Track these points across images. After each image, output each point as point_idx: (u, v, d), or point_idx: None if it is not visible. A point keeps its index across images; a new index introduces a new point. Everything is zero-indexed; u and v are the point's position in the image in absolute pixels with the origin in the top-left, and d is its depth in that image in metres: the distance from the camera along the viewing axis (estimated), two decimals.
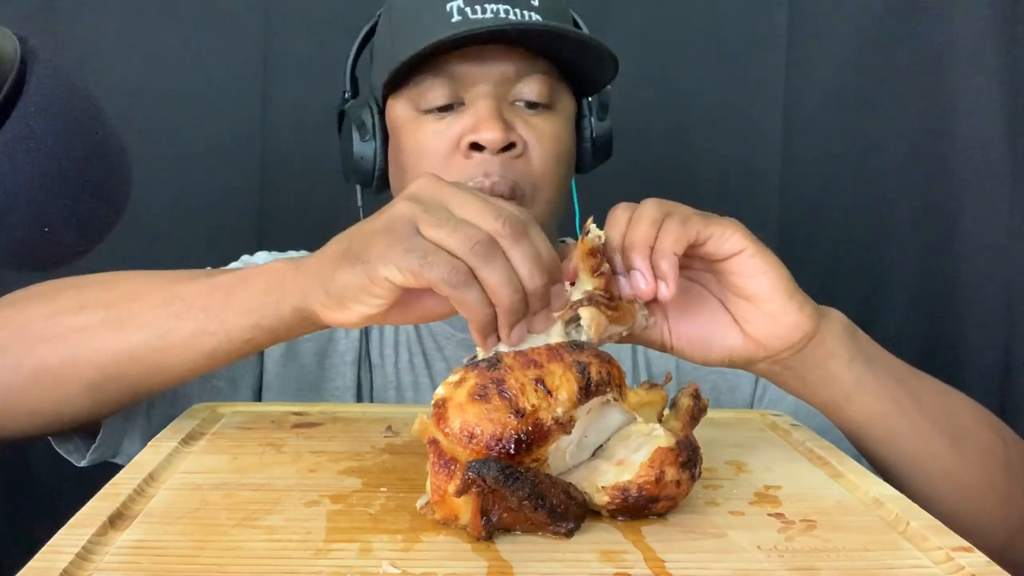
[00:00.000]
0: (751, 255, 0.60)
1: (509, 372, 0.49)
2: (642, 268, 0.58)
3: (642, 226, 0.59)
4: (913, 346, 1.17)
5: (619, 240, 0.59)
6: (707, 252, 0.60)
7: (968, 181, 1.18)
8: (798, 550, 0.48)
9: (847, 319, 0.66)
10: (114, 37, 1.20)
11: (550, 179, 0.81)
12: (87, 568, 0.43)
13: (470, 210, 0.54)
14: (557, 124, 0.82)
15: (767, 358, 0.64)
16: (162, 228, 1.18)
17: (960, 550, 0.48)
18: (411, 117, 0.81)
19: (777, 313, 0.62)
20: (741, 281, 0.61)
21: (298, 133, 1.24)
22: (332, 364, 0.90)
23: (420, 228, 0.53)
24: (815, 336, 0.63)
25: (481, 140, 0.77)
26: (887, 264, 1.23)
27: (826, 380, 0.66)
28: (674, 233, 0.58)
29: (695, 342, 0.64)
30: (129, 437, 0.74)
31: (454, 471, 0.47)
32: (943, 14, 1.19)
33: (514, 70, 0.79)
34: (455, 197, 0.55)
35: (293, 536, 0.47)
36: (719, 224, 0.60)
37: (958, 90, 1.19)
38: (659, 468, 0.50)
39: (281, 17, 1.23)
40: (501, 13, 0.78)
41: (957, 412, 0.71)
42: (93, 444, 0.72)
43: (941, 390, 0.71)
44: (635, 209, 0.60)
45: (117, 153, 0.53)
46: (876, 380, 0.66)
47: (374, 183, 0.86)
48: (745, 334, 0.63)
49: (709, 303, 0.64)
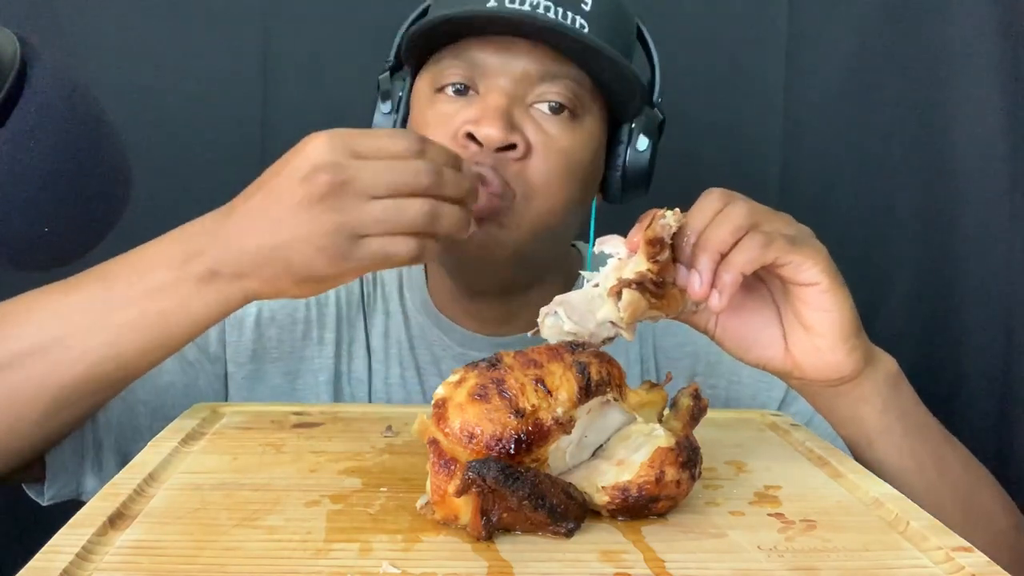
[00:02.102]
0: (823, 290, 0.60)
1: (509, 372, 0.49)
2: (703, 273, 0.57)
3: (723, 230, 0.58)
4: (913, 346, 1.17)
5: (697, 231, 0.58)
6: (781, 275, 0.60)
7: (968, 181, 1.18)
8: (798, 550, 0.48)
9: (897, 369, 0.66)
10: (114, 37, 1.19)
11: (550, 190, 0.76)
12: (87, 568, 0.43)
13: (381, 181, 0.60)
14: (575, 136, 0.77)
15: (800, 380, 0.64)
16: (162, 228, 1.18)
17: (960, 550, 0.48)
18: (427, 94, 0.79)
19: (825, 349, 0.62)
20: (805, 310, 0.61)
21: (298, 133, 1.24)
22: (305, 384, 0.86)
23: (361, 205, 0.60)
24: (853, 379, 0.63)
25: (478, 134, 0.73)
26: (887, 264, 1.23)
27: (853, 420, 0.67)
28: (751, 252, 0.57)
29: (737, 339, 0.64)
30: (82, 477, 0.72)
31: (454, 471, 0.47)
32: (943, 14, 1.19)
33: (537, 70, 0.75)
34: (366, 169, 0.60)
35: (293, 536, 0.47)
36: (800, 253, 0.59)
37: (958, 90, 1.19)
38: (659, 468, 0.50)
39: (281, 17, 1.23)
40: (540, 8, 0.74)
41: (978, 489, 0.71)
42: (45, 483, 0.70)
43: (968, 465, 0.71)
44: (727, 204, 0.59)
45: (117, 153, 0.53)
46: (904, 435, 0.66)
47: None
48: (787, 351, 0.63)
49: (764, 309, 0.64)
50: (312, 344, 0.87)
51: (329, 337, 0.87)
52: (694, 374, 0.89)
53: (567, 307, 0.56)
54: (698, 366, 0.89)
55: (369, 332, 0.88)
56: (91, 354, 0.64)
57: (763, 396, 0.88)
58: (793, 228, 0.60)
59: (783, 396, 0.87)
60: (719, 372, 0.89)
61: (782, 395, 0.87)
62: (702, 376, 0.89)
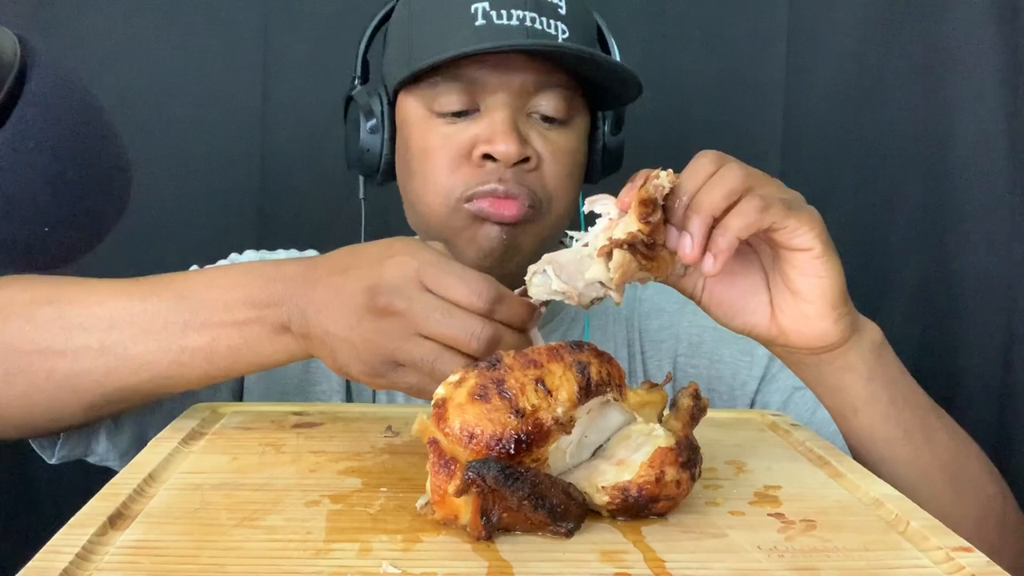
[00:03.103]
0: (816, 256, 0.59)
1: (509, 372, 0.49)
2: (695, 235, 0.56)
3: (717, 192, 0.57)
4: (913, 346, 1.17)
5: (690, 193, 0.57)
6: (775, 239, 0.59)
7: (968, 181, 1.18)
8: (798, 550, 0.48)
9: (881, 337, 0.66)
10: (114, 37, 1.20)
11: (562, 192, 0.80)
12: (87, 568, 0.43)
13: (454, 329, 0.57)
14: (572, 139, 0.80)
15: (785, 347, 0.64)
16: (162, 228, 1.18)
17: (960, 550, 0.48)
18: (422, 116, 0.79)
19: (812, 316, 0.61)
20: (795, 275, 0.61)
21: (298, 133, 1.24)
22: (318, 366, 0.87)
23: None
24: (839, 347, 0.63)
25: (496, 153, 0.75)
26: (887, 264, 1.23)
27: (838, 389, 0.66)
28: (748, 217, 0.57)
29: (723, 305, 0.64)
30: (96, 437, 0.73)
31: (454, 471, 0.47)
32: (943, 14, 1.19)
33: (534, 81, 0.77)
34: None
35: (293, 536, 0.47)
36: (796, 218, 0.58)
37: (958, 90, 1.19)
38: (659, 468, 0.50)
39: (281, 17, 1.23)
40: (527, 21, 0.76)
41: (965, 458, 0.70)
42: (58, 442, 0.71)
43: (955, 433, 0.71)
44: (720, 167, 0.58)
45: (117, 153, 0.53)
46: (890, 403, 0.66)
47: (379, 175, 0.84)
48: (773, 317, 0.63)
49: (752, 274, 0.64)
50: None
51: None
52: (676, 355, 0.91)
53: (556, 266, 0.55)
54: (680, 347, 0.91)
55: None
56: (154, 367, 0.65)
57: (743, 375, 0.89)
58: (787, 192, 0.60)
59: (762, 374, 0.88)
60: (701, 353, 0.91)
61: (762, 373, 0.88)
62: (684, 357, 0.91)
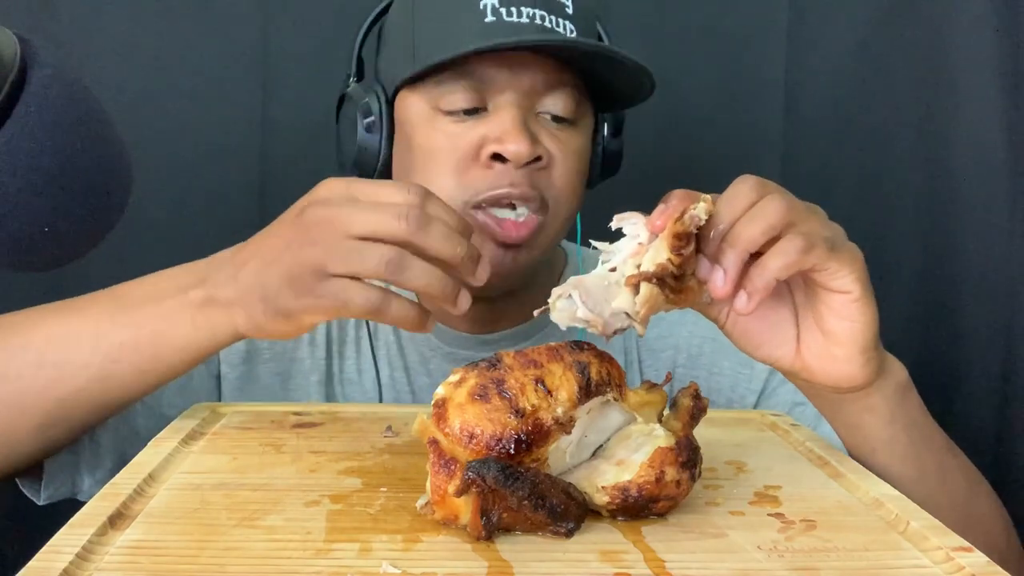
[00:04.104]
0: (854, 299, 0.57)
1: (509, 372, 0.49)
2: (729, 270, 0.54)
3: (756, 226, 0.54)
4: (913, 345, 1.17)
5: (728, 223, 0.55)
6: (815, 279, 0.57)
7: (968, 181, 1.18)
8: (798, 550, 0.48)
9: (907, 379, 0.65)
10: (114, 37, 1.19)
11: (570, 193, 0.79)
12: (87, 568, 0.43)
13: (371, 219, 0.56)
14: (580, 140, 0.79)
15: (807, 381, 0.62)
16: (162, 228, 1.18)
17: (960, 550, 0.48)
18: (427, 115, 0.77)
19: (840, 358, 0.59)
20: (829, 316, 0.58)
21: (298, 133, 1.24)
22: (297, 385, 0.87)
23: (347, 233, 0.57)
24: (862, 389, 0.62)
25: (506, 153, 0.73)
26: (887, 263, 1.23)
27: (857, 427, 0.66)
28: (789, 257, 0.54)
29: (748, 335, 0.61)
30: (77, 472, 0.72)
31: (454, 471, 0.47)
32: (943, 14, 1.19)
33: (543, 80, 0.76)
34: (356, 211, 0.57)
35: (293, 536, 0.47)
36: (838, 260, 0.55)
37: (958, 90, 1.19)
38: (659, 468, 0.50)
39: (281, 16, 1.23)
40: (536, 19, 0.74)
41: (976, 496, 0.70)
42: (42, 482, 0.70)
43: (968, 473, 0.71)
44: (762, 196, 0.55)
45: (117, 153, 0.53)
46: (909, 445, 0.66)
47: (376, 176, 0.82)
48: (798, 353, 0.61)
49: (782, 308, 0.61)
50: (303, 345, 0.87)
51: (320, 339, 0.88)
52: (675, 365, 0.90)
53: (582, 291, 0.53)
54: (679, 358, 0.90)
55: (359, 333, 0.88)
56: (88, 369, 0.64)
57: (743, 387, 0.88)
58: (830, 228, 0.57)
59: (762, 388, 0.87)
60: (700, 364, 0.90)
61: (761, 387, 0.87)
62: (683, 368, 0.90)
